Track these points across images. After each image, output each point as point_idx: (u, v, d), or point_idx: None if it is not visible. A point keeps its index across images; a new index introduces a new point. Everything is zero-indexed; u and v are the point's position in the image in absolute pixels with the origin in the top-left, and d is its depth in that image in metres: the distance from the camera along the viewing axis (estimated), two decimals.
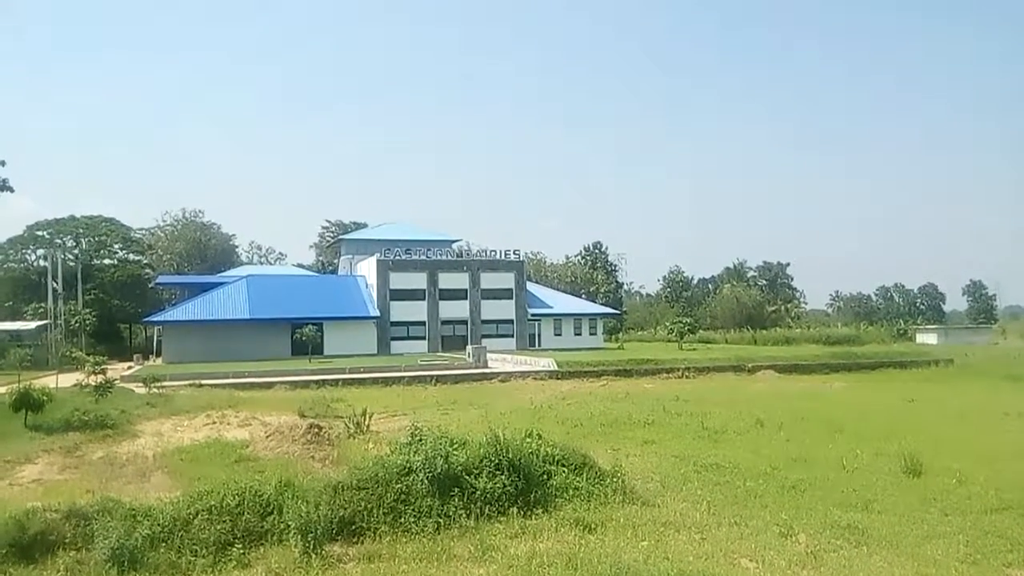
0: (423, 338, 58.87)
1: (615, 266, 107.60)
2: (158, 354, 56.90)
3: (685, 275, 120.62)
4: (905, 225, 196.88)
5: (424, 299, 59.42)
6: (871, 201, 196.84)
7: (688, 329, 64.81)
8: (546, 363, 41.49)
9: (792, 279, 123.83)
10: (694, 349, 57.31)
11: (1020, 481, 13.37)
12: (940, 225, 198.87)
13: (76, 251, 70.73)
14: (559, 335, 63.34)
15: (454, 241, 72.14)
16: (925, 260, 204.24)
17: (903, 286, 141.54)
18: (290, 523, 9.84)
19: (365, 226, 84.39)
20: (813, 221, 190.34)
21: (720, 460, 15.66)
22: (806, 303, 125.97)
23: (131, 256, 77.68)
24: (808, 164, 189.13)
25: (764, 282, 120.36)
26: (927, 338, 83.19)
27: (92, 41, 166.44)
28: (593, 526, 10.81)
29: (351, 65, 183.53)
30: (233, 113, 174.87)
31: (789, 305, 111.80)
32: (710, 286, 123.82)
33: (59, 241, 70.98)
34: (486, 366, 42.51)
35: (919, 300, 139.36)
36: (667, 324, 70.86)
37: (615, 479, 12.73)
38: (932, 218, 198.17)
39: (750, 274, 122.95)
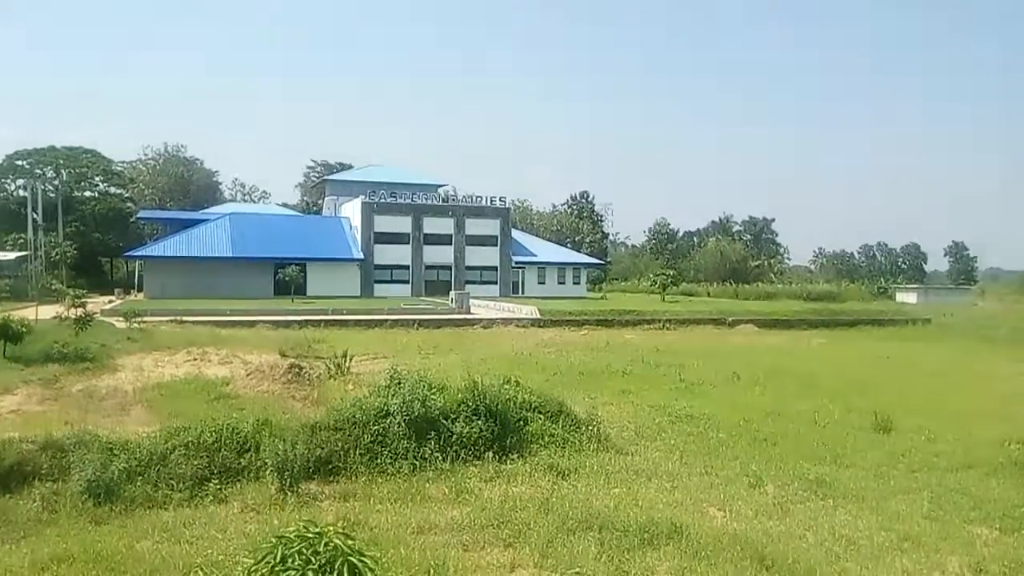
0: (407, 282, 58.87)
1: (601, 216, 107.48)
2: (139, 289, 56.60)
3: (671, 227, 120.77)
4: (892, 183, 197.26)
5: (408, 243, 59.26)
6: (859, 156, 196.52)
7: (671, 281, 65.12)
8: (529, 311, 41.66)
9: (777, 235, 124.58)
10: (676, 301, 57.66)
11: (988, 440, 13.67)
12: (927, 185, 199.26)
13: (56, 182, 69.69)
14: (543, 283, 63.55)
15: (440, 186, 71.66)
16: (910, 219, 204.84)
17: (886, 245, 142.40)
18: (267, 460, 9.93)
19: (351, 167, 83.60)
20: (801, 175, 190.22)
21: (695, 411, 15.88)
22: (790, 259, 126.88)
23: (112, 189, 76.82)
24: (802, 116, 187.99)
25: (749, 237, 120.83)
26: (907, 297, 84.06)
27: None
28: (567, 472, 10.99)
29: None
30: (222, 44, 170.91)
31: (772, 260, 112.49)
32: (695, 239, 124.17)
33: (39, 171, 69.98)
34: (469, 312, 42.63)
35: (901, 259, 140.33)
36: (651, 276, 71.16)
37: (590, 427, 12.91)
38: (920, 177, 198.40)
39: (735, 228, 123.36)
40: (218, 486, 9.78)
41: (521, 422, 12.33)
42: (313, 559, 4.77)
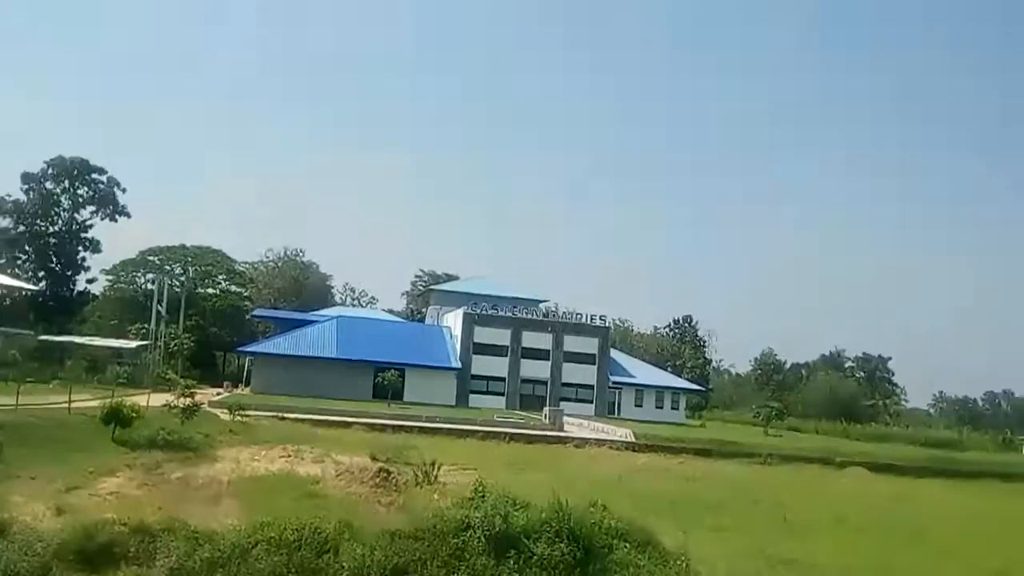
0: (502, 394, 58.80)
1: (704, 342, 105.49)
2: (247, 383, 58.75)
3: (778, 358, 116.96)
4: (1020, 326, 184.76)
5: (506, 355, 59.53)
6: (981, 297, 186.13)
7: (776, 414, 62.46)
8: (624, 433, 40.65)
9: (892, 374, 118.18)
10: (780, 436, 55.07)
11: None
12: None
13: (183, 278, 74.38)
14: (640, 406, 62.16)
15: (541, 301, 72.35)
16: None
17: (1012, 393, 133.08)
18: (344, 564, 9.85)
19: (457, 278, 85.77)
20: (918, 314, 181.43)
21: (796, 556, 14.83)
22: (906, 400, 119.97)
23: (233, 287, 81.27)
24: (920, 253, 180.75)
25: (862, 374, 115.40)
26: None
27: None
28: None
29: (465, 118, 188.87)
30: (342, 157, 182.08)
31: (888, 401, 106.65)
32: (803, 372, 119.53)
33: (168, 267, 74.98)
34: (562, 429, 41.97)
35: None
36: (754, 407, 68.55)
37: (679, 562, 12.24)
38: None
39: (847, 364, 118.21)
40: None
41: (606, 549, 11.87)
42: None
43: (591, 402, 59.96)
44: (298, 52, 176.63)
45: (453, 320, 62.50)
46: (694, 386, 73.84)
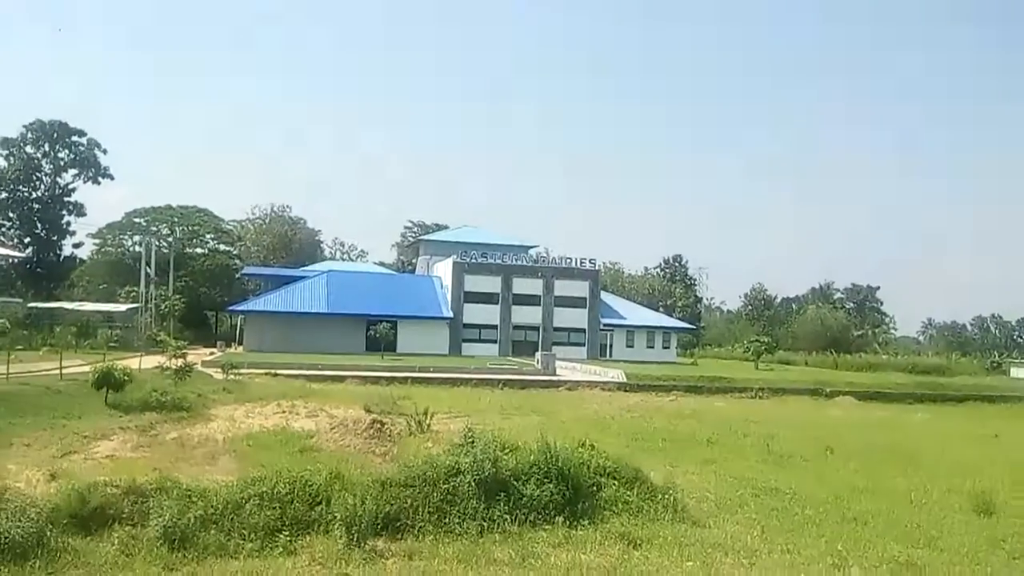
0: (494, 341, 59.24)
1: (695, 280, 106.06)
2: (240, 342, 58.95)
3: (768, 293, 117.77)
4: (1009, 250, 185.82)
5: (497, 303, 59.80)
6: (972, 223, 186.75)
7: (766, 348, 63.18)
8: (615, 374, 41.13)
9: (882, 303, 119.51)
10: (771, 369, 55.80)
11: None
12: None
13: (170, 239, 74.05)
14: (631, 347, 62.76)
15: (531, 247, 72.40)
16: None
17: (1000, 317, 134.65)
18: (336, 514, 10.03)
19: (446, 228, 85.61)
20: (909, 242, 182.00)
21: (781, 485, 15.15)
22: (896, 329, 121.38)
23: (221, 246, 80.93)
24: (910, 180, 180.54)
25: (851, 305, 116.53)
26: (1022, 373, 78.73)
27: (192, 41, 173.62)
28: (639, 542, 10.64)
29: (457, 67, 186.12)
30: (329, 111, 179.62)
31: (877, 330, 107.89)
32: (794, 306, 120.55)
33: (155, 228, 74.50)
34: (554, 373, 42.42)
35: (1017, 333, 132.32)
36: (745, 342, 69.29)
37: (667, 496, 12.50)
38: None
39: (837, 296, 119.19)
40: (288, 538, 9.91)
41: (594, 487, 12.07)
42: None
43: (583, 345, 60.53)
44: None
45: (443, 270, 62.56)
46: (685, 325, 74.47)
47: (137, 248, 68.99)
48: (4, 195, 71.69)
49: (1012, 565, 10.61)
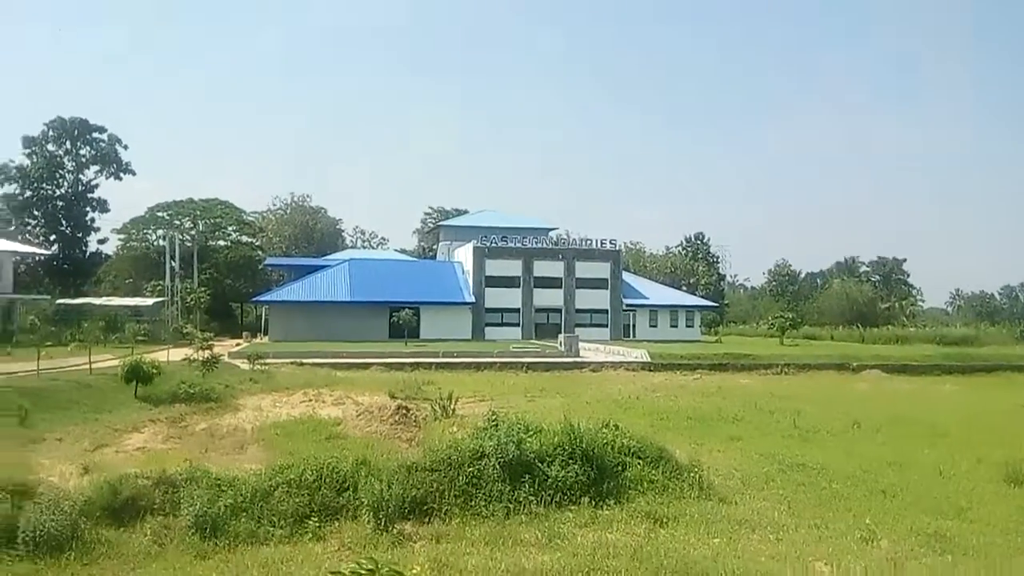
0: (517, 325, 59.25)
1: (717, 258, 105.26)
2: (265, 332, 59.47)
3: (792, 268, 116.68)
4: None
5: (519, 286, 59.75)
6: (1000, 190, 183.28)
7: (791, 324, 62.73)
8: (639, 354, 41.06)
9: (908, 275, 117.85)
10: (796, 345, 55.43)
11: None
12: None
13: (193, 232, 74.67)
14: (654, 326, 62.55)
15: (551, 229, 72.19)
16: None
17: None
18: (363, 500, 10.14)
19: (466, 212, 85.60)
20: (936, 212, 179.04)
21: (808, 460, 15.10)
22: (923, 301, 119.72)
23: (243, 238, 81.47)
24: (935, 150, 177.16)
25: (877, 278, 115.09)
26: None
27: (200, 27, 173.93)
28: (665, 520, 10.67)
29: (473, 48, 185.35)
30: (347, 98, 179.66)
31: (904, 302, 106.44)
32: (818, 281, 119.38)
33: (178, 222, 75.15)
34: (578, 355, 42.40)
35: None
36: (769, 319, 68.75)
37: (692, 474, 12.50)
38: None
39: (862, 269, 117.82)
40: (317, 524, 10.05)
41: (619, 467, 12.10)
42: None
43: (606, 326, 60.37)
44: None
45: (464, 255, 62.58)
46: (708, 303, 74.07)
47: (161, 242, 69.66)
48: (28, 193, 72.53)
49: None
